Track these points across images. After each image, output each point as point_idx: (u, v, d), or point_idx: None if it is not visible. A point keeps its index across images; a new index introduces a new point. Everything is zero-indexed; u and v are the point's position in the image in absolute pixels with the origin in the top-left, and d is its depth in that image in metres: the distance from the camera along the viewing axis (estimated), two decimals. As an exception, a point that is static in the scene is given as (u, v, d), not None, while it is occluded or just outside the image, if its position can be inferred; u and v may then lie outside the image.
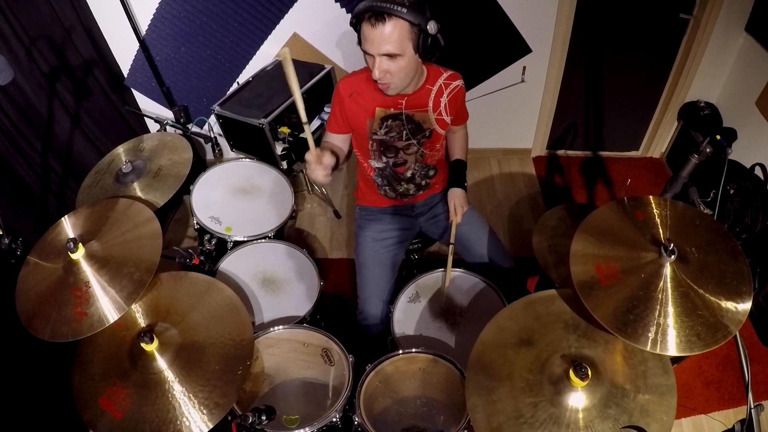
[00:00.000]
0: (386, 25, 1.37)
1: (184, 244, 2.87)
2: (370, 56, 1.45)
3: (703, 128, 2.78)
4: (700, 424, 2.03)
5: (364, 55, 1.48)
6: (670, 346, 1.07)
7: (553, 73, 2.84)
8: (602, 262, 1.21)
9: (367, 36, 1.41)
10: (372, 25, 1.37)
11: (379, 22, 1.37)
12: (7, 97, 2.08)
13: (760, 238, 2.07)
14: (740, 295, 1.11)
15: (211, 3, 2.49)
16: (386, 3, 1.35)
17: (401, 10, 1.35)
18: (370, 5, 1.37)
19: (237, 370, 1.28)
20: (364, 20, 1.39)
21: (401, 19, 1.36)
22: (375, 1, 1.36)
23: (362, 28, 1.42)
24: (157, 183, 1.86)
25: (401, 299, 1.75)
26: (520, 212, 2.99)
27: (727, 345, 1.09)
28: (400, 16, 1.35)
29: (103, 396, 1.26)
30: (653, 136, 3.18)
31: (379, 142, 1.69)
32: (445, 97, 1.65)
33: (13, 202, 2.12)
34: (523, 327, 1.29)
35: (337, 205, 3.01)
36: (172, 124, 2.32)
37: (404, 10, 1.35)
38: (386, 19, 1.36)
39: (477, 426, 1.15)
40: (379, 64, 1.44)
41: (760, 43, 2.41)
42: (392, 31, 1.38)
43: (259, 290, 1.83)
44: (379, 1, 1.35)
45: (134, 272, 1.34)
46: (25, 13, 2.15)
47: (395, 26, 1.37)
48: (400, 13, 1.35)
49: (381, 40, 1.39)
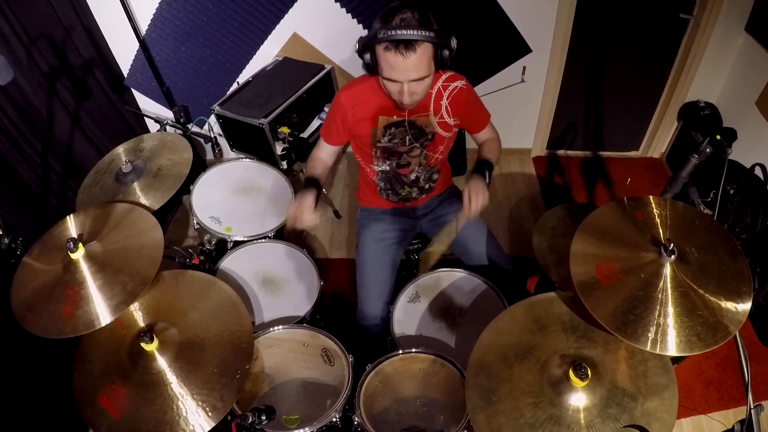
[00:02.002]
0: (417, 53, 1.32)
1: (184, 244, 2.87)
2: (395, 82, 1.40)
3: (703, 128, 2.78)
4: (699, 424, 2.03)
5: (383, 80, 1.43)
6: (670, 346, 1.07)
7: (553, 73, 2.84)
8: (602, 262, 1.21)
9: (394, 66, 1.35)
10: (402, 54, 1.32)
11: (410, 51, 1.31)
12: (7, 97, 2.08)
13: (760, 238, 2.07)
14: (740, 295, 1.11)
15: (211, 3, 2.49)
16: (410, 29, 1.28)
17: (429, 35, 1.30)
18: (395, 34, 1.29)
19: (237, 370, 1.28)
20: (389, 50, 1.33)
21: (428, 43, 1.33)
22: (400, 29, 1.28)
23: (385, 57, 1.35)
24: (157, 183, 1.86)
25: (401, 299, 1.75)
26: (520, 212, 2.99)
27: (727, 345, 1.08)
28: (428, 40, 1.31)
29: (103, 395, 1.27)
30: (653, 136, 3.18)
31: (383, 149, 1.68)
32: (446, 100, 1.62)
33: (13, 202, 2.12)
34: (522, 329, 1.29)
35: (337, 205, 3.01)
36: (172, 124, 2.32)
37: (432, 35, 1.30)
38: (416, 47, 1.31)
39: (477, 427, 1.15)
40: (409, 90, 1.40)
41: (760, 43, 2.41)
42: (421, 58, 1.34)
43: (259, 290, 1.83)
44: (404, 28, 1.28)
45: (128, 282, 1.32)
46: (25, 13, 2.15)
47: (424, 52, 1.33)
48: (428, 38, 1.30)
49: (411, 68, 1.34)
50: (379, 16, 1.35)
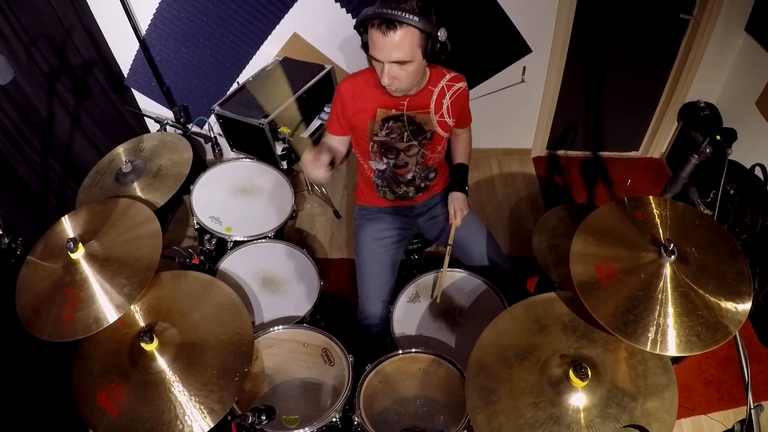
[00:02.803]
0: (397, 33, 1.34)
1: (184, 244, 2.87)
2: (378, 62, 1.42)
3: (703, 128, 2.78)
4: (699, 424, 2.03)
5: (370, 59, 1.46)
6: (670, 346, 1.07)
7: (553, 73, 2.84)
8: (602, 263, 1.21)
9: (376, 43, 1.38)
10: (382, 32, 1.34)
11: (390, 30, 1.34)
12: (7, 97, 2.08)
13: (760, 238, 2.07)
14: (740, 295, 1.11)
15: (211, 3, 2.49)
16: (397, 10, 1.31)
17: (412, 18, 1.32)
18: (379, 12, 1.33)
19: (237, 370, 1.28)
20: (374, 27, 1.36)
21: (412, 27, 1.34)
22: (385, 8, 1.32)
23: (371, 34, 1.39)
24: (157, 183, 1.86)
25: (401, 299, 1.75)
26: (520, 212, 2.99)
27: (727, 345, 1.08)
28: (412, 24, 1.33)
29: (101, 393, 1.27)
30: (653, 136, 3.18)
31: (380, 144, 1.68)
32: (448, 99, 1.63)
33: (13, 202, 2.12)
34: (522, 329, 1.29)
35: (337, 205, 3.01)
36: (172, 124, 2.32)
37: (416, 18, 1.32)
38: (397, 27, 1.33)
39: (477, 427, 1.15)
40: (389, 71, 1.42)
41: (760, 43, 2.41)
42: (403, 39, 1.35)
43: (259, 290, 1.83)
44: (389, 8, 1.32)
45: (125, 284, 1.32)
46: (25, 13, 2.15)
47: (406, 34, 1.35)
48: (411, 21, 1.32)
49: (391, 47, 1.36)
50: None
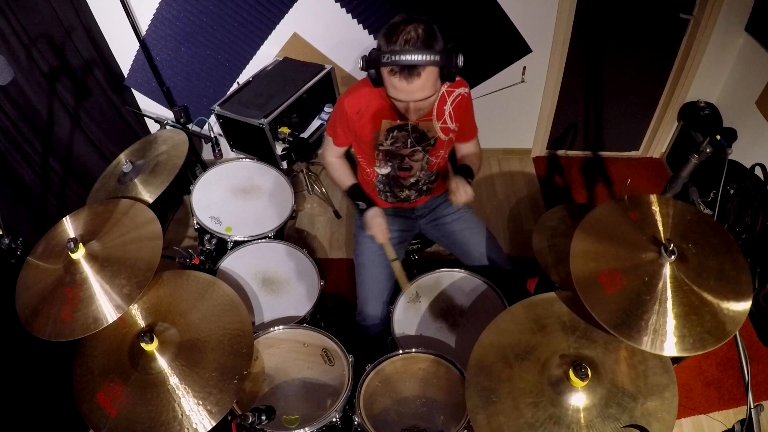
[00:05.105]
0: (421, 77, 1.29)
1: (184, 244, 2.87)
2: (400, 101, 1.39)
3: (703, 128, 2.78)
4: (699, 424, 2.03)
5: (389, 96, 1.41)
6: (669, 346, 1.07)
7: (553, 73, 2.84)
8: (604, 271, 1.19)
9: (398, 88, 1.33)
10: (405, 79, 1.29)
11: (413, 77, 1.29)
12: (7, 97, 2.08)
13: (760, 238, 2.07)
14: (740, 295, 1.11)
15: (211, 3, 2.49)
16: (416, 54, 1.25)
17: (435, 59, 1.26)
18: (399, 59, 1.26)
19: (237, 371, 1.28)
20: (393, 74, 1.30)
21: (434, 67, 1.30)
22: (402, 55, 1.25)
23: (389, 79, 1.33)
24: (152, 178, 1.85)
25: (401, 299, 1.75)
26: (520, 212, 2.99)
27: (727, 345, 1.08)
28: (435, 65, 1.29)
29: (101, 391, 1.27)
30: (653, 136, 3.18)
31: (385, 152, 1.68)
32: (449, 105, 1.61)
33: (13, 202, 2.12)
34: (522, 329, 1.29)
35: (337, 205, 3.01)
36: (172, 124, 2.32)
37: (438, 59, 1.27)
38: (421, 72, 1.29)
39: (477, 427, 1.15)
40: (415, 108, 1.39)
41: (760, 43, 2.41)
42: (427, 80, 1.31)
43: (259, 290, 1.83)
44: (406, 53, 1.25)
45: (125, 285, 1.32)
46: (25, 13, 2.15)
47: (429, 75, 1.30)
48: (434, 62, 1.27)
49: (416, 90, 1.32)
50: (383, 32, 1.32)
